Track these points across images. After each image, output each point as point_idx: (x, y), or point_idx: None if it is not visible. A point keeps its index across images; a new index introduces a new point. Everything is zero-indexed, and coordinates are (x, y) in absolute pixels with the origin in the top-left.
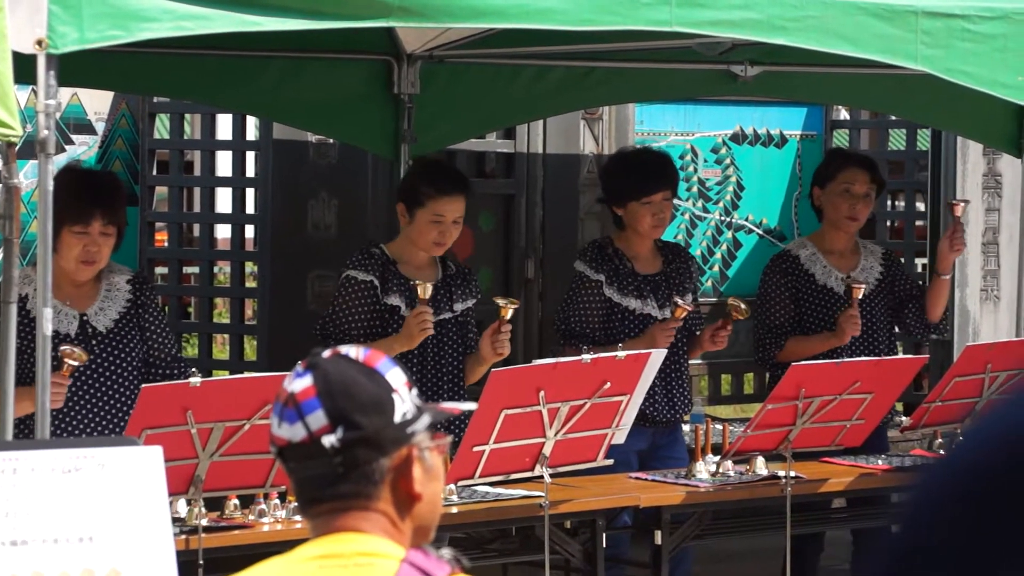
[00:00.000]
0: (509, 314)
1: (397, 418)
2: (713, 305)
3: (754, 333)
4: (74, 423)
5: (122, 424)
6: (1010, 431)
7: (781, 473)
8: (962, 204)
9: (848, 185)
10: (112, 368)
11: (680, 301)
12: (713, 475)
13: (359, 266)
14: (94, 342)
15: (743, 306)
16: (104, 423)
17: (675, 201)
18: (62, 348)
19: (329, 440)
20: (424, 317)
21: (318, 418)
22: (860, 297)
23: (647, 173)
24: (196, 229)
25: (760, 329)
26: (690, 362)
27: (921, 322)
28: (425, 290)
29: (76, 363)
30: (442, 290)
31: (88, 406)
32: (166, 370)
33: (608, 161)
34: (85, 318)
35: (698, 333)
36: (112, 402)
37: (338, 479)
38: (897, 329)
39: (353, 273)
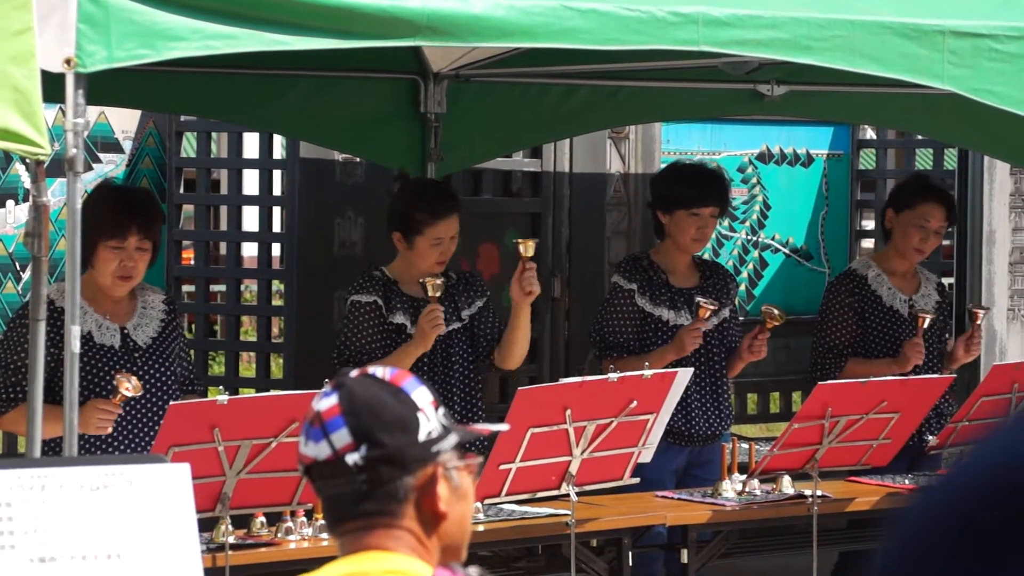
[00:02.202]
0: (531, 251)
1: (422, 437)
2: (741, 324)
3: (813, 351)
4: (116, 437)
5: None
6: (1005, 463)
7: (808, 492)
8: (983, 311)
9: (925, 221)
10: (154, 382)
11: (703, 301)
12: (740, 494)
13: (362, 289)
14: (136, 355)
15: (776, 311)
16: (147, 438)
17: None
18: (118, 376)
19: (353, 458)
20: (435, 314)
21: (342, 436)
22: (925, 327)
23: (702, 185)
24: (223, 247)
25: (820, 348)
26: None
27: None
28: (436, 287)
29: (130, 394)
30: (446, 300)
31: (131, 419)
32: (190, 388)
33: (664, 168)
34: (126, 331)
35: (735, 346)
36: (153, 416)
37: (363, 497)
38: None
39: (357, 297)
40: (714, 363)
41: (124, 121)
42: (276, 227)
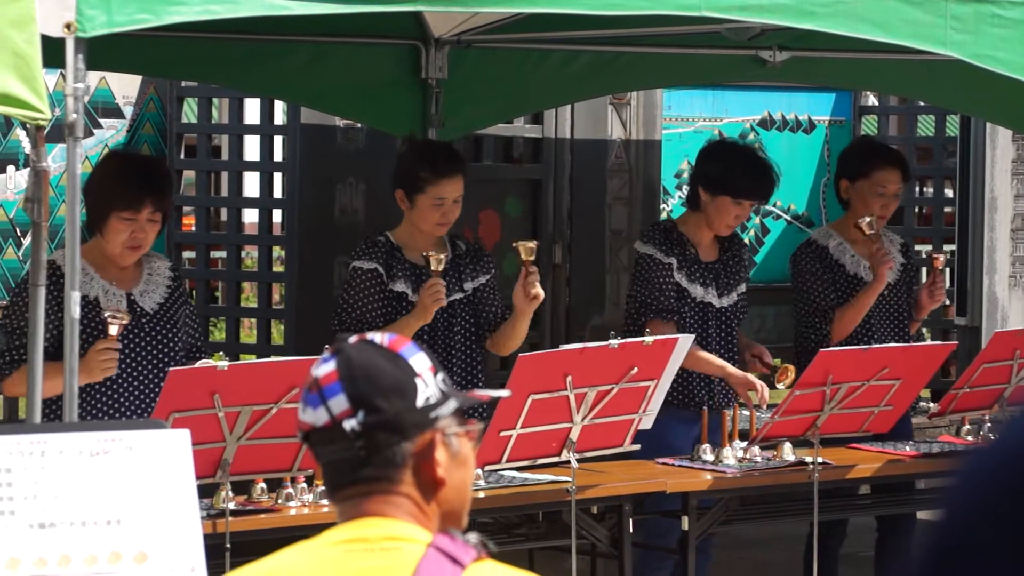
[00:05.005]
0: (531, 255)
1: (419, 402)
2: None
3: (799, 320)
4: (123, 401)
5: None
6: None
7: (808, 459)
8: (943, 257)
9: (882, 187)
10: (160, 347)
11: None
12: (740, 461)
13: (363, 255)
14: (143, 320)
15: (791, 376)
16: (152, 402)
17: None
18: (106, 313)
19: (350, 424)
20: (437, 288)
21: (340, 402)
22: (874, 232)
23: (757, 178)
24: (224, 213)
25: (805, 314)
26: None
27: None
28: (438, 262)
29: (123, 322)
30: (451, 270)
31: (137, 384)
32: (196, 355)
33: (719, 147)
34: (132, 297)
35: (743, 318)
36: (159, 382)
37: (361, 463)
38: None
39: (358, 263)
40: (732, 336)
41: (125, 86)
42: (277, 193)
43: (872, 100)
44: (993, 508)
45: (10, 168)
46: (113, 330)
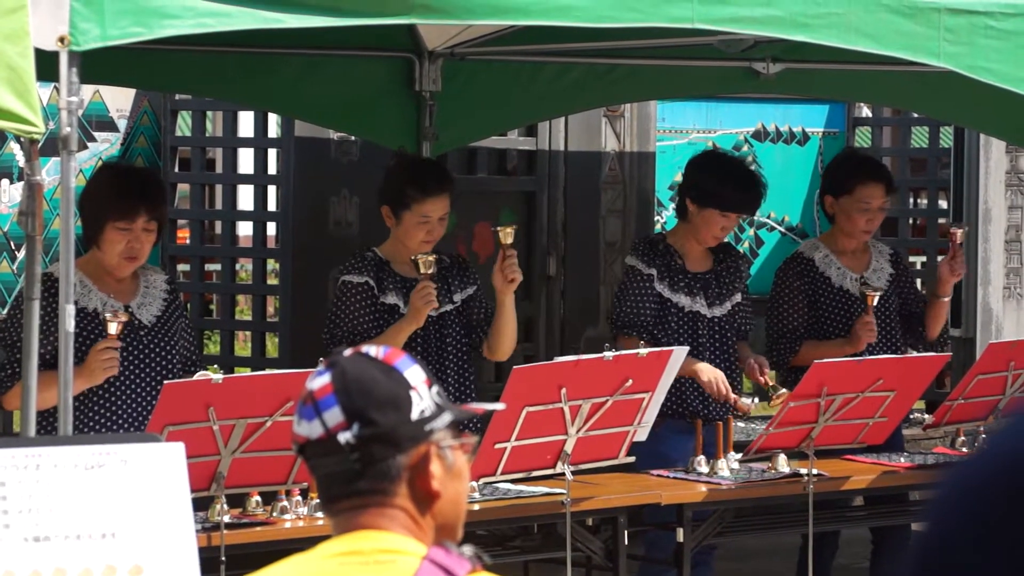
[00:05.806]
0: (510, 239)
1: (414, 415)
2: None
3: (767, 336)
4: (119, 413)
5: None
6: None
7: (803, 471)
8: (961, 231)
9: (866, 203)
10: (158, 359)
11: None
12: (735, 472)
13: (353, 270)
14: (141, 333)
15: (783, 392)
16: (149, 414)
17: None
18: (105, 314)
19: (345, 437)
20: (427, 290)
21: (334, 415)
22: (875, 304)
23: (747, 191)
24: (218, 226)
25: (773, 333)
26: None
27: (919, 339)
28: (427, 264)
29: (122, 321)
30: (439, 283)
31: (134, 396)
32: (192, 368)
33: (707, 158)
34: (129, 310)
35: (747, 330)
36: (157, 393)
37: (355, 476)
38: None
39: (348, 277)
40: (728, 346)
41: (119, 100)
42: (271, 206)
43: (866, 112)
44: (983, 516)
45: (4, 181)
46: (112, 329)
